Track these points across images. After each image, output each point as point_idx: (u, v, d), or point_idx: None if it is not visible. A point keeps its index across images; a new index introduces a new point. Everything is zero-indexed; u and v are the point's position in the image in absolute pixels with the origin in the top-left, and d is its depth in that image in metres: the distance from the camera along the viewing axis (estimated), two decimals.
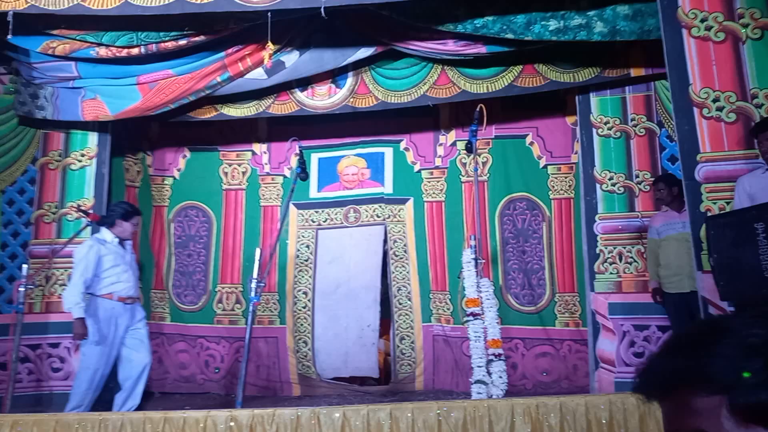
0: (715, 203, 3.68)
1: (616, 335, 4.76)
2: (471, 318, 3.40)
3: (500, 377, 3.29)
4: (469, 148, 3.86)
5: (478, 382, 3.26)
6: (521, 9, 4.20)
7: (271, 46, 4.34)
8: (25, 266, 4.34)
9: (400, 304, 5.78)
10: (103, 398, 4.31)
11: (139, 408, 4.25)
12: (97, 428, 2.96)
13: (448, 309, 5.65)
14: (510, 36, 4.27)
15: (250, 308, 3.52)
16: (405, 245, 5.85)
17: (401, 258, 5.84)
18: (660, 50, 4.01)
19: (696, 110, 3.76)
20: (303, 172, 3.90)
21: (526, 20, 4.20)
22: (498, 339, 3.36)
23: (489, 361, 3.33)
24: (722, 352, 0.65)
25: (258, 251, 3.79)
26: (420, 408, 2.95)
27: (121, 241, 4.40)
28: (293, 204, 5.93)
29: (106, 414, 3.09)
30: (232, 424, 2.97)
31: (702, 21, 3.81)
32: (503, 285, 5.55)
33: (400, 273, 5.83)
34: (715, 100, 3.75)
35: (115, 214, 4.37)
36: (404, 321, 5.75)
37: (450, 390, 5.41)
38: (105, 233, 4.36)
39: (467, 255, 3.52)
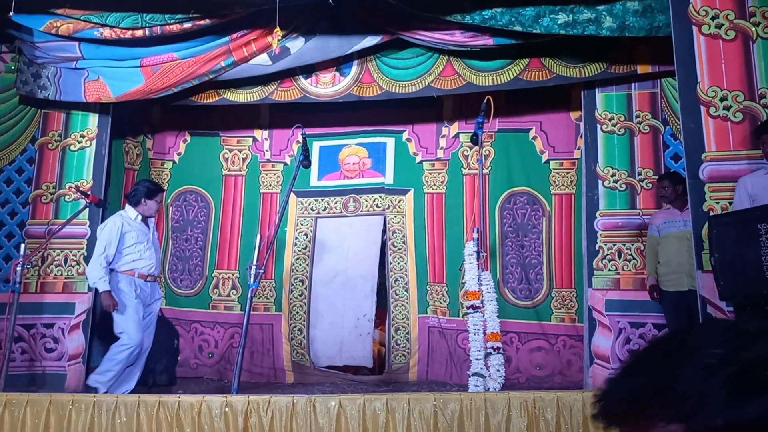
0: (718, 203, 3.67)
1: (612, 332, 4.76)
2: (471, 310, 3.39)
3: (498, 370, 3.29)
4: (475, 140, 3.84)
5: (475, 374, 3.26)
6: (530, 1, 4.17)
7: (279, 32, 4.29)
8: (22, 246, 4.32)
9: (397, 294, 5.77)
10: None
11: (133, 391, 4.24)
12: (90, 409, 2.94)
13: (445, 301, 5.64)
14: (518, 28, 4.24)
15: (249, 294, 3.50)
16: (404, 236, 5.83)
17: (400, 249, 5.82)
18: (667, 47, 3.99)
19: (703, 109, 3.74)
20: (306, 160, 3.87)
21: (534, 13, 4.16)
22: (497, 332, 3.35)
23: (487, 354, 3.32)
24: (680, 374, 0.61)
25: (258, 237, 3.77)
26: (416, 399, 2.94)
27: (144, 219, 4.45)
28: (293, 192, 5.90)
29: (100, 396, 3.08)
30: (227, 409, 2.96)
31: (713, 18, 3.78)
32: (501, 279, 5.54)
33: (398, 264, 5.81)
34: (722, 99, 3.72)
35: (139, 193, 4.43)
36: (400, 312, 5.74)
37: (444, 381, 5.41)
38: (129, 211, 4.43)
39: (470, 247, 3.51)
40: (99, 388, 4.08)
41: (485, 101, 3.75)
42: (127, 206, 4.48)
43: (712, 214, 3.59)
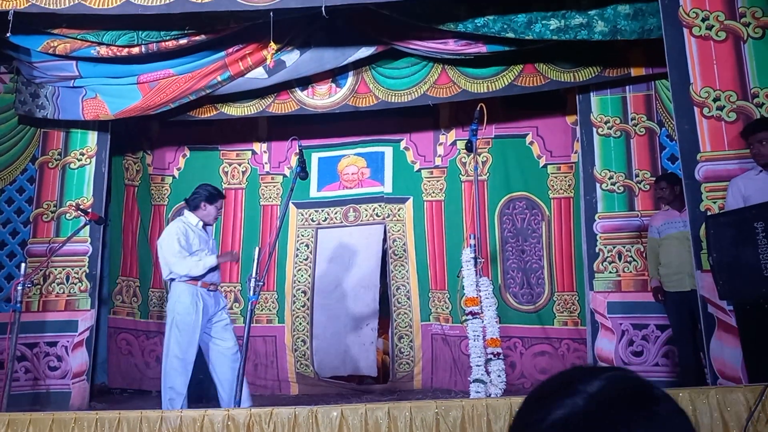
0: (714, 202, 3.67)
1: (615, 334, 4.76)
2: (470, 317, 3.39)
3: (499, 376, 3.28)
4: (470, 147, 3.85)
5: (476, 381, 3.25)
6: (522, 8, 4.20)
7: (273, 46, 4.32)
8: (23, 265, 4.33)
9: (399, 303, 5.78)
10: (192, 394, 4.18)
11: (136, 407, 4.22)
12: (93, 427, 2.95)
13: (447, 308, 5.64)
14: (511, 35, 4.26)
15: (249, 307, 3.51)
16: (404, 244, 5.84)
17: (400, 257, 5.83)
18: (660, 50, 4.01)
19: (696, 109, 3.76)
20: (303, 171, 3.87)
21: (527, 19, 4.19)
22: (497, 338, 3.35)
23: (488, 360, 3.32)
24: (567, 403, 0.70)
25: (257, 250, 3.77)
26: (418, 407, 2.93)
27: (204, 226, 4.30)
28: (293, 203, 5.93)
29: (102, 413, 3.08)
30: (229, 423, 2.96)
31: (703, 20, 3.80)
32: (502, 284, 5.55)
33: (400, 272, 5.82)
34: (715, 100, 3.74)
35: (199, 197, 4.25)
36: (403, 320, 5.74)
37: (448, 389, 5.41)
38: (190, 216, 4.25)
39: (467, 254, 3.51)
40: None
41: (478, 108, 3.77)
42: (186, 212, 4.29)
43: (709, 213, 3.60)
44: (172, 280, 4.14)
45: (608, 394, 0.71)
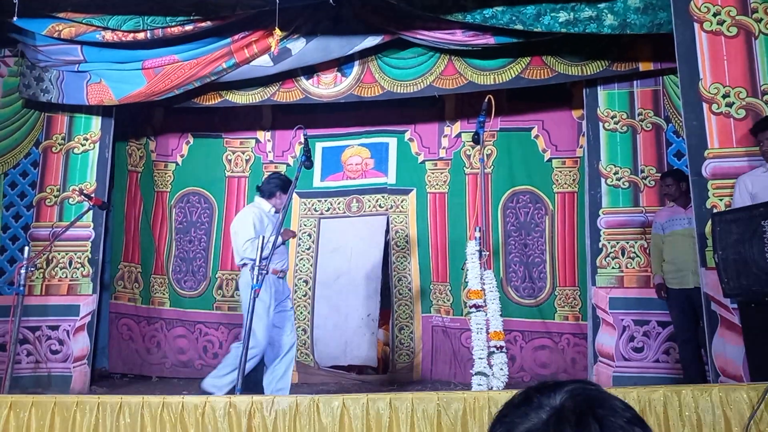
0: (721, 200, 3.66)
1: (616, 330, 4.75)
2: (473, 309, 3.38)
3: (501, 369, 3.28)
4: (476, 140, 3.83)
5: (478, 373, 3.25)
6: (531, 0, 4.16)
7: (278, 33, 4.29)
8: (26, 248, 4.32)
9: (401, 294, 5.78)
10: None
11: (136, 392, 4.23)
12: (95, 410, 2.95)
13: (448, 300, 5.64)
14: (519, 27, 4.23)
15: (251, 295, 3.50)
16: (407, 236, 5.83)
17: (403, 249, 5.83)
18: (669, 44, 3.98)
19: (705, 105, 3.73)
20: (308, 161, 3.84)
21: (535, 11, 4.15)
22: (500, 331, 3.34)
23: (490, 353, 3.32)
24: (531, 418, 0.77)
25: (261, 238, 3.76)
26: (420, 398, 2.93)
27: (275, 213, 4.34)
28: (296, 192, 5.91)
29: (104, 397, 3.08)
30: (231, 410, 2.96)
31: (714, 15, 3.77)
32: (504, 277, 5.54)
33: (402, 263, 5.82)
34: (725, 96, 3.71)
35: (275, 186, 4.32)
36: (404, 311, 5.74)
37: (448, 380, 5.42)
38: (263, 203, 4.33)
39: (471, 246, 3.50)
40: (215, 392, 3.84)
41: (486, 100, 3.74)
42: (259, 199, 4.36)
43: (715, 211, 3.58)
44: (244, 265, 4.17)
45: (569, 407, 0.74)
